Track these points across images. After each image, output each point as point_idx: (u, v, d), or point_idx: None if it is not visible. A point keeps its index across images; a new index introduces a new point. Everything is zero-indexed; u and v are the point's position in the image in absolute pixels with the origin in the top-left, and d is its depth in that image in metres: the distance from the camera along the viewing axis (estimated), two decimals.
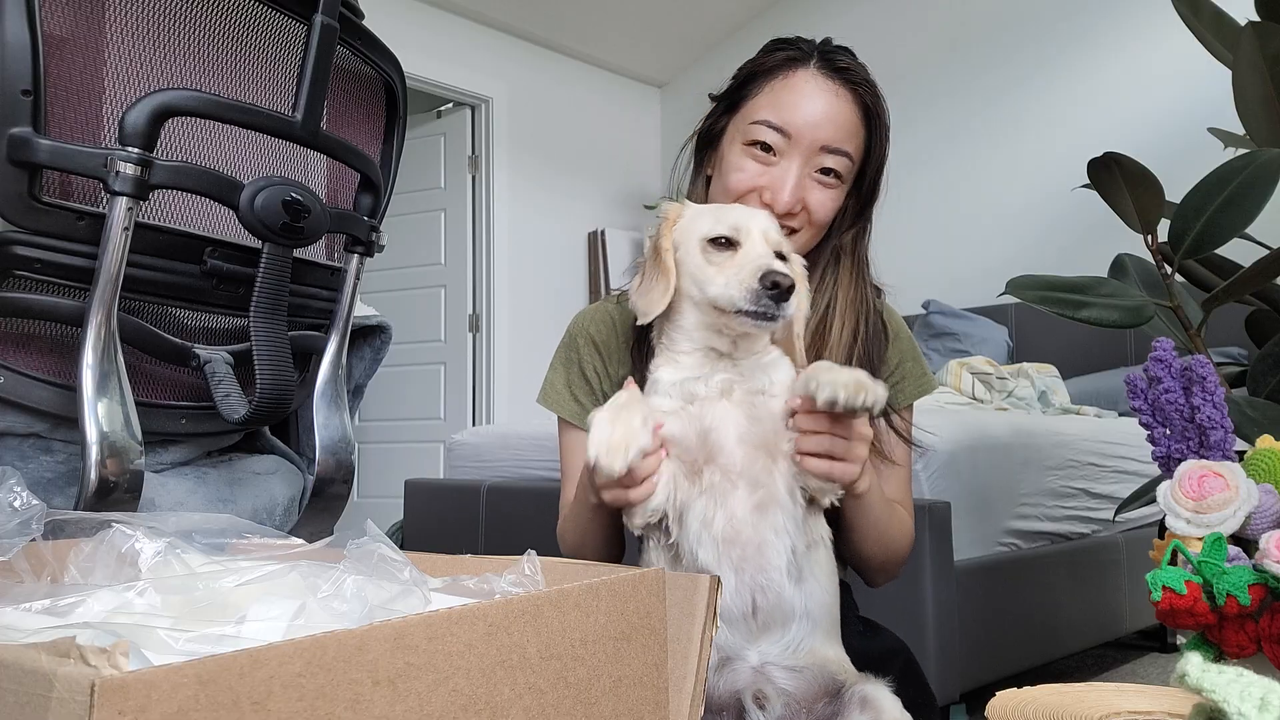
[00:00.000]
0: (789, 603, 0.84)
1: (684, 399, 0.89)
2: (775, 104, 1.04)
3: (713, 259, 0.89)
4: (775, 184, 1.03)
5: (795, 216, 1.05)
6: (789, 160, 1.03)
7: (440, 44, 4.43)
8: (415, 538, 2.84)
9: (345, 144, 1.26)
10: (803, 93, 1.04)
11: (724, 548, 0.85)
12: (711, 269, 0.88)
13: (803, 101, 1.03)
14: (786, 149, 1.03)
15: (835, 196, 1.06)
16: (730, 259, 0.88)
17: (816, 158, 1.03)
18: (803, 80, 1.04)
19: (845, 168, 1.05)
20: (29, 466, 1.11)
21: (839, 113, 1.04)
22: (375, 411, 4.76)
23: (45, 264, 1.01)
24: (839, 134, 1.03)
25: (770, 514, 0.86)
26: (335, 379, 1.33)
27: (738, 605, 0.84)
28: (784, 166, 1.03)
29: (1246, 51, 1.32)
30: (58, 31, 1.01)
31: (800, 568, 0.86)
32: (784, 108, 1.03)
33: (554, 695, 0.50)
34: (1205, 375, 0.89)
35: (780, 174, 1.03)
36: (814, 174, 1.04)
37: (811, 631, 0.86)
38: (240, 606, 0.50)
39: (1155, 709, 0.70)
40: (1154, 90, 3.51)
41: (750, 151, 1.05)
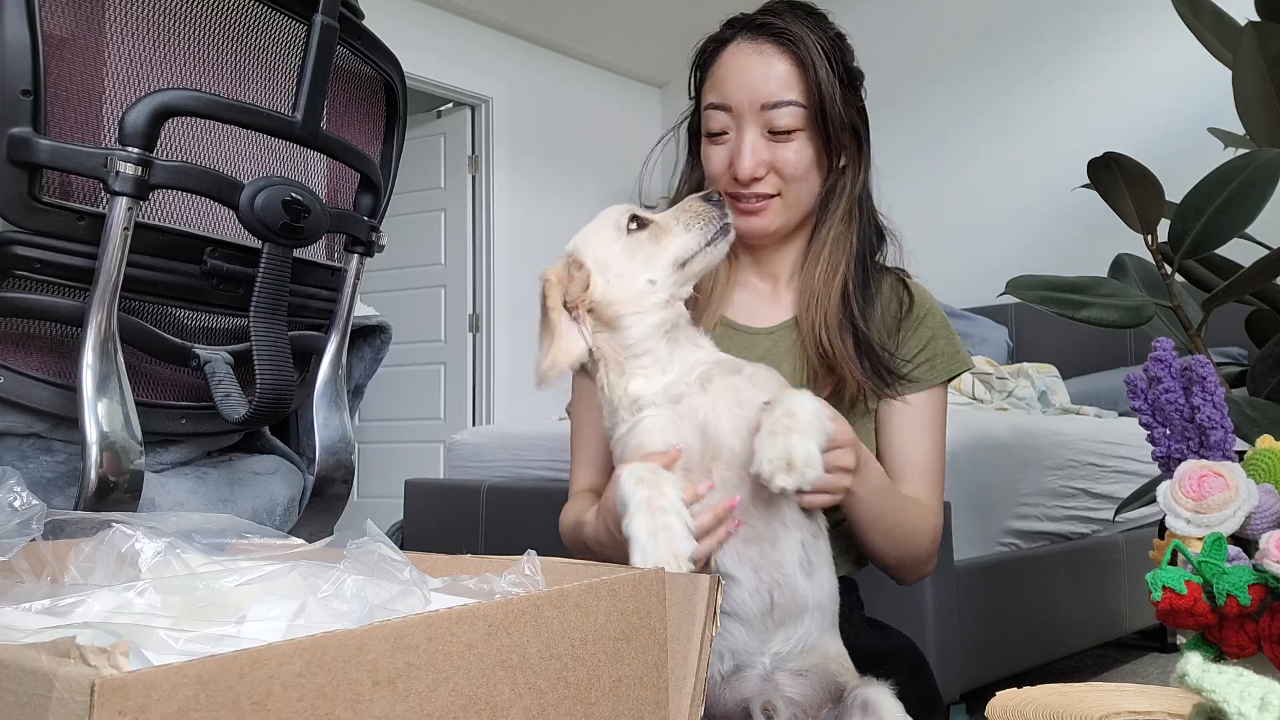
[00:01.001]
0: (803, 597, 0.85)
1: (671, 400, 0.89)
2: (715, 86, 1.08)
3: (642, 239, 0.94)
4: (734, 156, 1.06)
5: (765, 180, 1.07)
6: (739, 131, 1.06)
7: (440, 44, 4.43)
8: (415, 538, 2.84)
9: (345, 144, 1.26)
10: (730, 67, 1.07)
11: (743, 548, 0.85)
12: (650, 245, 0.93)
13: (732, 75, 1.07)
14: (734, 122, 1.07)
15: (799, 148, 1.07)
16: (656, 228, 0.94)
17: (763, 118, 1.05)
18: (730, 55, 1.08)
19: (797, 117, 1.05)
20: (29, 466, 1.11)
21: (768, 69, 1.05)
22: (375, 411, 4.75)
23: (45, 264, 1.01)
24: (774, 87, 1.05)
25: (777, 508, 0.86)
26: (335, 379, 1.33)
27: (756, 604, 0.84)
28: (736, 137, 1.07)
29: (1246, 51, 1.32)
30: (58, 31, 1.01)
31: (810, 560, 0.87)
32: (720, 85, 1.07)
33: (554, 695, 0.50)
34: (1205, 375, 0.89)
35: (735, 144, 1.07)
36: (768, 135, 1.06)
37: (820, 624, 0.87)
38: (240, 606, 0.50)
39: (1155, 709, 0.70)
40: (1154, 90, 3.51)
41: (712, 140, 1.09)
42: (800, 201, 1.09)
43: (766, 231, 1.09)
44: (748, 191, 1.07)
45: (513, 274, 4.67)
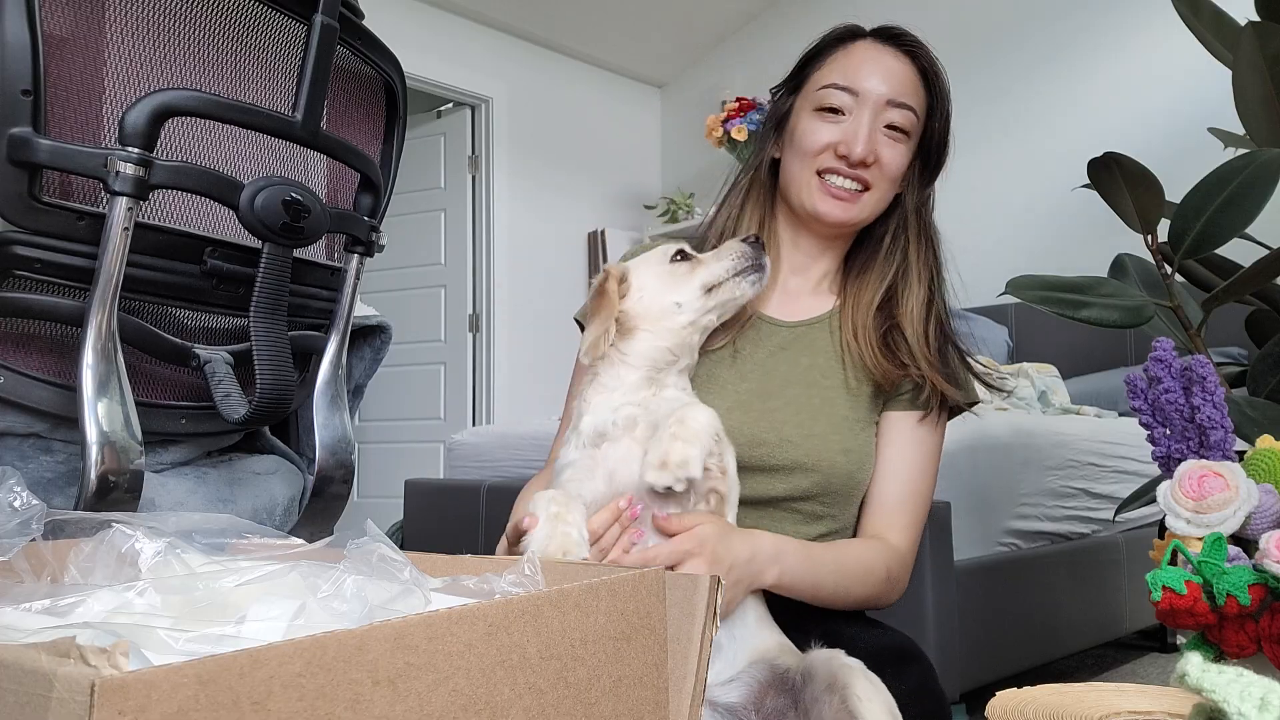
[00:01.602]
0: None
1: (593, 442, 0.95)
2: (840, 69, 1.12)
3: (682, 269, 1.01)
4: (849, 136, 1.09)
5: (869, 169, 1.10)
6: (859, 115, 1.10)
7: (440, 44, 4.43)
8: (415, 538, 2.84)
9: (345, 144, 1.26)
10: (864, 57, 1.12)
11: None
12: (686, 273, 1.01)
13: (864, 64, 1.11)
14: (855, 106, 1.10)
15: (904, 152, 1.12)
16: (697, 261, 1.02)
17: (884, 113, 1.10)
18: (862, 48, 1.13)
19: (910, 124, 1.11)
20: (29, 466, 1.11)
21: (898, 71, 1.11)
22: (375, 411, 4.75)
23: (45, 264, 1.01)
24: (902, 89, 1.10)
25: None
26: (335, 379, 1.33)
27: None
28: (855, 119, 1.10)
29: (1246, 51, 1.32)
30: (58, 31, 1.01)
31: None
32: (849, 71, 1.11)
33: (554, 695, 0.50)
34: (1205, 375, 0.89)
35: (852, 127, 1.10)
36: (883, 129, 1.10)
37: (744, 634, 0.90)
38: (240, 606, 0.50)
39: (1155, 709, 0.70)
40: (1154, 90, 3.51)
41: (821, 115, 1.12)
42: (880, 205, 1.14)
43: (846, 221, 1.12)
44: (850, 172, 1.10)
45: (513, 274, 4.67)
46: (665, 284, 1.01)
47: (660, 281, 1.02)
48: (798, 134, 1.14)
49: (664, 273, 1.02)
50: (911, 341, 1.11)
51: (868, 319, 1.13)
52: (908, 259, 1.16)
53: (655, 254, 1.05)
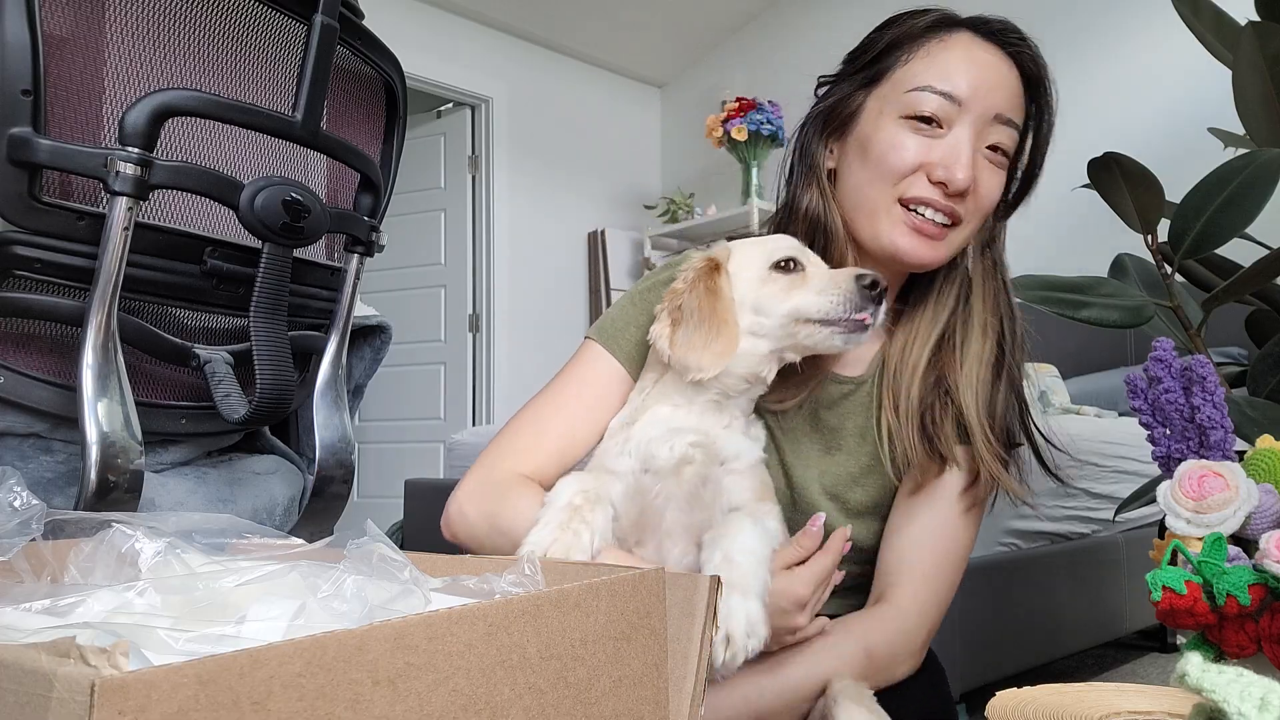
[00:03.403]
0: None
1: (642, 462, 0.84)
2: (938, 67, 0.90)
3: (779, 282, 0.84)
4: (948, 157, 0.89)
5: (964, 200, 0.91)
6: (960, 130, 0.90)
7: (440, 44, 4.43)
8: (415, 538, 2.84)
9: (345, 144, 1.26)
10: (968, 55, 0.90)
11: None
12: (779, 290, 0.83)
13: (971, 64, 0.90)
14: (956, 117, 0.90)
15: (1001, 179, 0.94)
16: (800, 278, 0.83)
17: (988, 130, 0.91)
18: (964, 42, 0.91)
19: (1013, 144, 0.93)
20: (29, 466, 1.11)
21: (1006, 77, 0.91)
22: (375, 411, 4.76)
23: (45, 264, 1.01)
24: (1011, 102, 0.91)
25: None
26: (335, 379, 1.33)
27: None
28: (956, 136, 0.89)
29: (1246, 51, 1.31)
30: (58, 31, 1.01)
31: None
32: (950, 71, 0.90)
33: (554, 695, 0.50)
34: (1205, 375, 0.88)
35: (952, 146, 0.89)
36: (984, 150, 0.92)
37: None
38: (240, 606, 0.50)
39: (1155, 709, 0.70)
40: (1154, 90, 3.51)
41: (910, 124, 0.90)
42: (965, 244, 0.95)
43: (929, 263, 0.93)
44: (944, 204, 0.90)
45: (513, 274, 4.67)
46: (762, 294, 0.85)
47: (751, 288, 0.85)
48: (875, 145, 0.92)
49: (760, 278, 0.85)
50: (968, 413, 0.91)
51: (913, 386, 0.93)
52: (970, 305, 0.95)
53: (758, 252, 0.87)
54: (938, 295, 0.97)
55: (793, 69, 4.61)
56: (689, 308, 0.84)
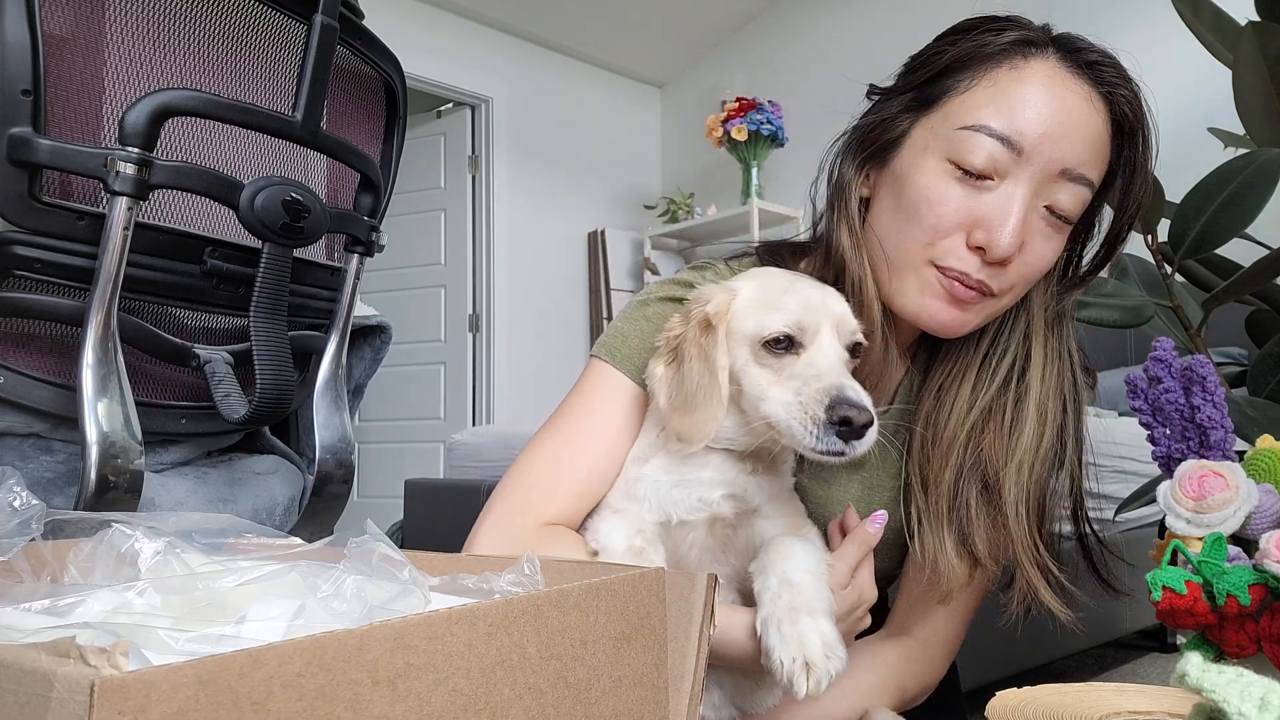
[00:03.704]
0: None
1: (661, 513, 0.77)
2: (1003, 102, 0.74)
3: (767, 362, 0.73)
4: (993, 217, 0.74)
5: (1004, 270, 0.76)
6: (1014, 185, 0.74)
7: (440, 44, 4.44)
8: (415, 538, 2.84)
9: (345, 144, 1.26)
10: (1045, 90, 0.74)
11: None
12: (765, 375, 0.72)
13: (1046, 103, 0.74)
14: (1012, 168, 0.74)
15: (1060, 245, 0.78)
16: (792, 365, 0.72)
17: (1051, 186, 0.75)
18: (1044, 73, 0.75)
19: (1080, 208, 0.77)
20: (29, 466, 1.11)
21: (1089, 122, 0.75)
22: (375, 411, 4.76)
23: (45, 264, 1.01)
24: (1086, 155, 0.75)
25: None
26: (335, 379, 1.33)
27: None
28: (1006, 193, 0.74)
29: (1246, 51, 1.31)
30: (58, 31, 1.01)
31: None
32: (1017, 109, 0.74)
33: (554, 695, 0.50)
34: (1205, 375, 0.88)
35: (1001, 204, 0.74)
36: (1042, 209, 0.76)
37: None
38: (240, 606, 0.50)
39: (1155, 709, 0.70)
40: (1154, 90, 3.51)
41: (954, 171, 0.76)
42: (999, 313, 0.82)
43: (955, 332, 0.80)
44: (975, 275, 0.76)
45: (513, 274, 4.67)
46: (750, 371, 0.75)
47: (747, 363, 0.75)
48: (910, 188, 0.77)
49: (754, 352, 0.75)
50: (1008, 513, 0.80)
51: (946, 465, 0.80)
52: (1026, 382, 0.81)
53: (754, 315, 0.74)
54: (984, 359, 0.83)
55: (793, 69, 4.61)
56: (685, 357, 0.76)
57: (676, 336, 0.77)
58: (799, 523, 0.81)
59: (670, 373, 0.77)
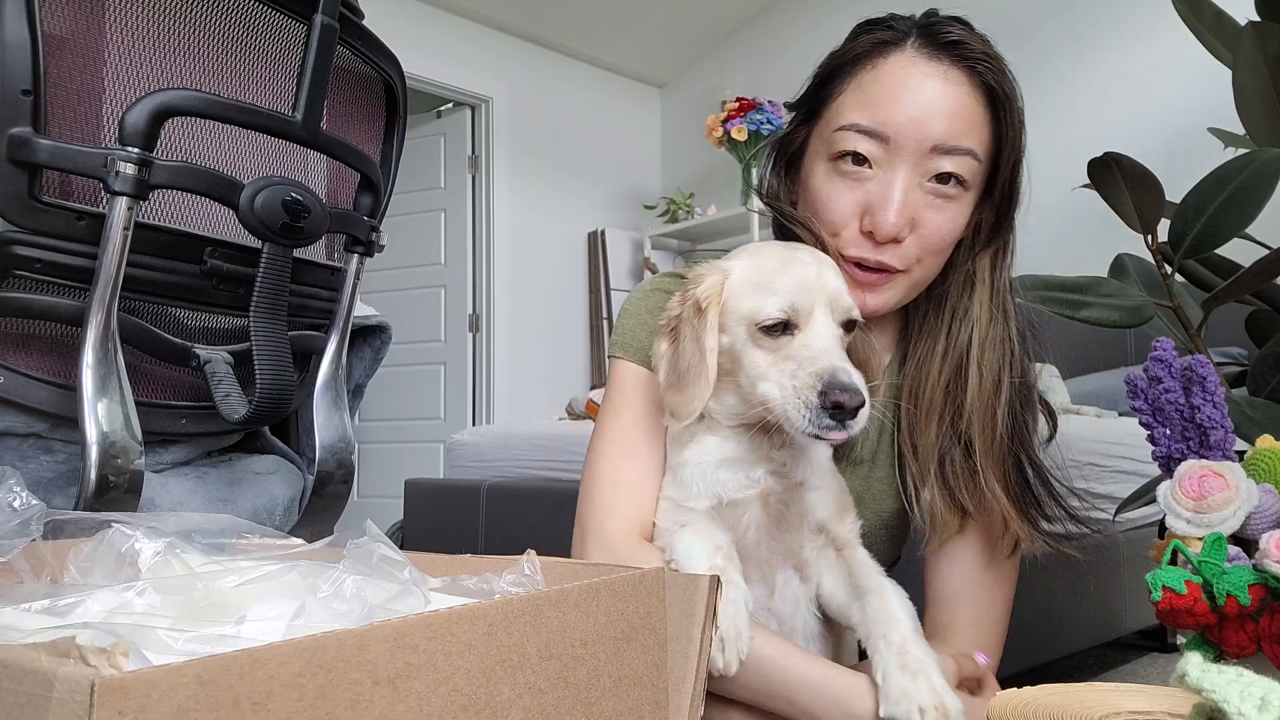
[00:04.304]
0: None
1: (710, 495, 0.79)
2: (866, 101, 0.82)
3: (764, 344, 0.74)
4: (875, 201, 0.81)
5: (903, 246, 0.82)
6: (890, 170, 0.82)
7: (440, 44, 4.44)
8: (415, 538, 2.84)
9: (345, 144, 1.26)
10: (900, 82, 0.82)
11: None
12: (763, 356, 0.74)
13: (902, 93, 0.81)
14: (885, 157, 0.82)
15: (957, 212, 0.84)
16: (787, 345, 0.74)
17: (927, 162, 0.81)
18: (898, 66, 0.82)
19: (969, 171, 0.82)
20: (29, 466, 1.11)
21: (951, 100, 0.81)
22: (375, 411, 4.76)
23: (45, 264, 1.01)
24: (954, 127, 0.81)
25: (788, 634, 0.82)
26: (335, 379, 1.33)
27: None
28: (884, 179, 0.82)
29: (1246, 51, 1.32)
30: (58, 31, 1.01)
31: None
32: (877, 104, 0.82)
33: (554, 695, 0.50)
34: (1205, 375, 0.88)
35: (880, 189, 0.81)
36: (926, 184, 0.82)
37: None
38: (240, 606, 0.50)
39: (1155, 709, 0.70)
40: (1154, 90, 3.51)
41: (839, 169, 0.84)
42: (924, 282, 0.88)
43: (873, 313, 0.85)
44: (872, 258, 0.83)
45: (513, 274, 4.67)
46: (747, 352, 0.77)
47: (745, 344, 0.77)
48: (810, 193, 0.86)
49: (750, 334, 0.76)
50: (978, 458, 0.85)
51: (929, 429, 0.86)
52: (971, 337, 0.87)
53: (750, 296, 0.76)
54: (949, 327, 0.89)
55: (793, 69, 4.60)
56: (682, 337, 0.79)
57: (675, 316, 0.80)
58: (842, 500, 0.83)
59: (670, 351, 0.79)
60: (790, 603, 0.82)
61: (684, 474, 0.81)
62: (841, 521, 0.81)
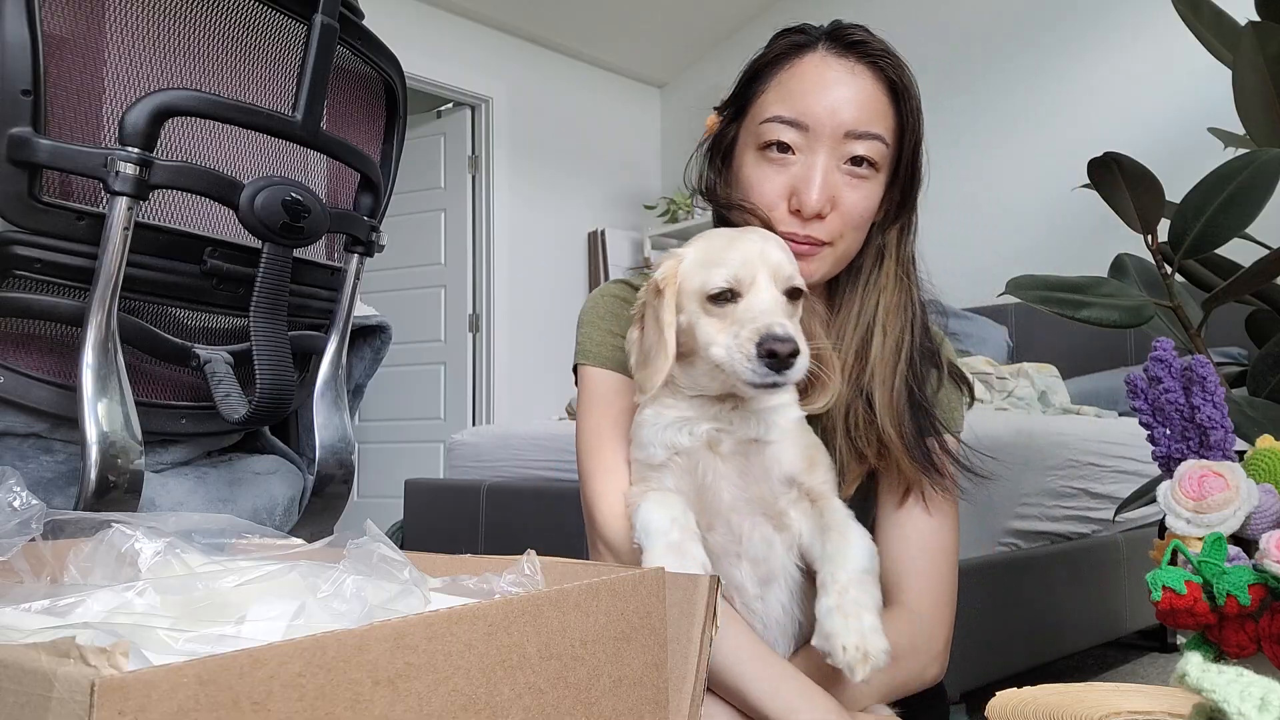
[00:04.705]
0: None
1: (667, 449, 0.86)
2: (785, 96, 0.93)
3: (714, 312, 0.82)
4: (799, 183, 0.92)
5: (826, 221, 0.93)
6: (811, 154, 0.92)
7: (440, 44, 4.44)
8: (415, 538, 2.85)
9: (345, 144, 1.26)
10: (814, 78, 0.93)
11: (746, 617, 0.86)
12: (713, 324, 0.81)
13: (815, 87, 0.92)
14: (806, 144, 0.92)
15: (871, 190, 0.94)
16: (734, 312, 0.81)
17: (842, 147, 0.92)
18: (812, 64, 0.94)
19: (879, 154, 0.93)
20: (29, 466, 1.11)
21: (859, 91, 0.92)
22: (375, 411, 4.76)
23: (45, 264, 1.01)
24: (864, 115, 0.92)
25: (774, 588, 0.86)
26: (335, 379, 1.33)
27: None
28: (806, 162, 0.92)
29: (1246, 51, 1.32)
30: (58, 31, 1.01)
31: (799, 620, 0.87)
32: (795, 97, 0.93)
33: (554, 695, 0.50)
34: (1205, 375, 0.88)
35: (802, 171, 0.92)
36: (843, 166, 0.93)
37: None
38: (240, 606, 0.50)
39: (1155, 709, 0.70)
40: (1154, 90, 3.51)
41: (765, 156, 0.94)
42: (848, 254, 0.97)
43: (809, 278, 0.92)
44: (801, 232, 0.93)
45: (513, 274, 4.67)
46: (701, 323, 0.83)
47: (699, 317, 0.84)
48: (742, 181, 0.96)
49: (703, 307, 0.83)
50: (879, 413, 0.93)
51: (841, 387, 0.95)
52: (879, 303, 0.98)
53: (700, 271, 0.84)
54: (860, 299, 0.99)
55: None
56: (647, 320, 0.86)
57: (641, 304, 0.89)
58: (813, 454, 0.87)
59: (639, 335, 0.88)
60: (762, 545, 0.85)
61: (642, 434, 0.88)
62: (812, 474, 0.86)
